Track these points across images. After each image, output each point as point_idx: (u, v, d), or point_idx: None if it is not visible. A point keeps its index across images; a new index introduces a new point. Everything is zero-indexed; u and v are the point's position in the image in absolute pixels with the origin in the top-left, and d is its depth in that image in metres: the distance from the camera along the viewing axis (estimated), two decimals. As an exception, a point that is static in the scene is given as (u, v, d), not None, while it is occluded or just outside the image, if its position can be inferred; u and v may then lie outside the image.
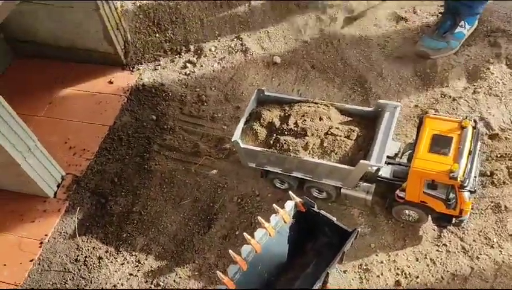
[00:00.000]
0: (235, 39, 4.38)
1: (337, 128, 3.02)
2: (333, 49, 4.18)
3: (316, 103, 3.18)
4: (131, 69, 4.37)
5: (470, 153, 2.67)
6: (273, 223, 2.57)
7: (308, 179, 3.09)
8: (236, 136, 3.10)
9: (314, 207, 2.62)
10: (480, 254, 2.98)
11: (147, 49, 4.44)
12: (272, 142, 3.06)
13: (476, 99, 3.66)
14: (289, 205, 2.66)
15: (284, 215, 2.59)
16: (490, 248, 3.00)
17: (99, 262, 3.30)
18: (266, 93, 3.29)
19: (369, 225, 3.18)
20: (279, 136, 3.06)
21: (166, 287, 3.13)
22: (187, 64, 4.30)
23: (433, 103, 3.70)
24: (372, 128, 3.01)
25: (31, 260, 3.34)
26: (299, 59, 4.17)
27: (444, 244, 3.05)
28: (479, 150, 2.93)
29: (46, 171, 3.58)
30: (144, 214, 3.50)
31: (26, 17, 4.21)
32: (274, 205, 2.66)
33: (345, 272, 3.00)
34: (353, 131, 2.99)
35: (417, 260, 3.02)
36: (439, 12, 4.20)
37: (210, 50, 4.34)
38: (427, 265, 3.00)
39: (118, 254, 3.33)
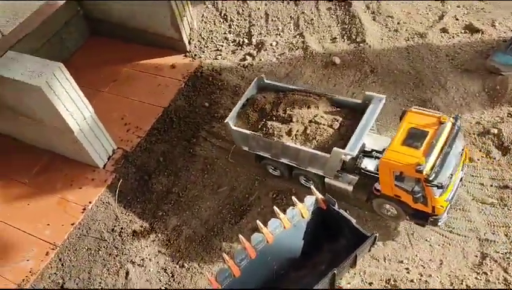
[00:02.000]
0: (297, 36, 4.34)
1: (322, 117, 3.06)
2: (397, 55, 3.99)
3: (308, 92, 3.23)
4: (193, 56, 4.48)
5: (443, 148, 2.60)
6: (289, 215, 2.50)
7: (295, 166, 3.14)
8: (229, 118, 3.24)
9: (335, 205, 2.51)
10: (525, 291, 2.71)
11: (210, 39, 4.53)
12: (260, 126, 3.15)
13: (547, 123, 3.33)
14: (309, 200, 2.57)
15: (302, 209, 2.51)
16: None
17: (133, 235, 3.41)
18: (266, 81, 3.40)
19: (405, 240, 3.00)
20: (267, 121, 3.14)
21: (191, 269, 3.16)
22: (247, 56, 4.32)
23: (497, 121, 3.42)
24: (359, 119, 3.02)
25: (72, 224, 3.51)
26: (359, 62, 4.04)
27: (484, 273, 2.80)
28: (462, 149, 2.85)
29: (99, 142, 3.76)
30: (181, 196, 3.56)
31: (104, -3, 4.47)
32: (293, 197, 2.59)
33: (370, 284, 2.85)
34: (337, 121, 3.04)
35: (451, 285, 2.80)
36: None
37: (271, 45, 4.33)
38: (462, 293, 2.78)
39: (151, 230, 3.42)
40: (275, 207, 2.53)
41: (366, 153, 2.94)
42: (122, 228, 3.46)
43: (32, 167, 3.95)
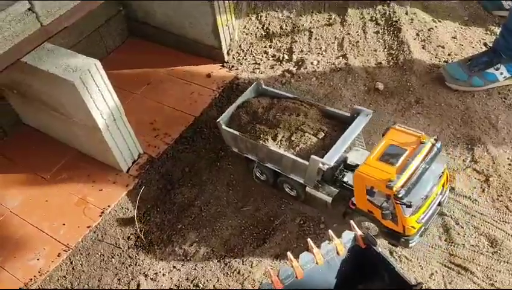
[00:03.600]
0: (341, 57, 4.17)
1: (309, 125, 3.08)
2: (446, 88, 3.77)
3: (301, 101, 3.26)
4: (230, 67, 4.36)
5: (418, 168, 2.57)
6: (323, 250, 2.29)
7: (280, 172, 3.14)
8: (222, 117, 3.26)
9: (375, 246, 2.29)
10: None
11: (250, 51, 4.40)
12: (249, 128, 3.18)
13: None
14: (347, 236, 2.35)
15: (338, 245, 2.29)
16: None
17: (148, 246, 3.26)
18: (264, 86, 3.42)
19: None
20: (256, 124, 3.18)
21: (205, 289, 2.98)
22: (285, 73, 4.17)
23: (551, 170, 3.16)
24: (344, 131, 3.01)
25: (88, 226, 3.39)
26: (404, 91, 3.83)
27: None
28: (442, 172, 2.80)
29: (125, 145, 3.64)
30: (203, 211, 3.40)
31: (148, -1, 4.41)
32: (330, 230, 2.38)
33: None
34: (322, 131, 3.04)
35: None
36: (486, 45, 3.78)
37: (312, 63, 4.17)
38: None
39: (168, 243, 3.26)
40: (309, 240, 2.32)
41: (348, 167, 2.92)
42: (138, 237, 3.31)
43: (56, 163, 3.86)
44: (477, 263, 2.84)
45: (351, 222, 2.41)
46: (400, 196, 2.52)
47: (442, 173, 2.84)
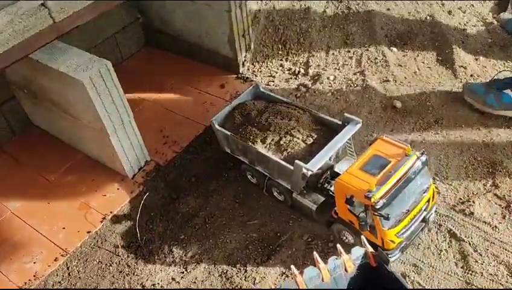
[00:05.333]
0: (358, 74, 4.06)
1: (299, 130, 3.07)
2: (467, 109, 3.63)
3: (295, 106, 3.25)
4: (245, 78, 4.27)
5: (399, 180, 2.49)
6: (330, 265, 2.13)
7: (269, 175, 3.11)
8: (216, 117, 3.27)
9: (388, 264, 2.12)
10: None
11: (265, 64, 4.32)
12: (240, 129, 3.19)
13: None
14: (357, 252, 2.19)
15: (347, 261, 2.13)
16: None
17: (148, 256, 3.13)
18: (261, 89, 3.43)
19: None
20: (248, 126, 3.18)
21: (203, 306, 2.82)
22: (301, 87, 4.07)
23: None
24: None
25: (88, 232, 3.28)
26: (423, 110, 3.69)
27: None
28: (426, 188, 2.69)
29: (132, 150, 3.55)
30: (207, 222, 3.27)
31: (167, 7, 4.38)
32: (338, 245, 2.22)
33: None
34: (311, 137, 3.03)
35: None
36: None
37: (328, 78, 4.06)
38: None
39: (169, 253, 3.12)
40: (315, 253, 2.18)
41: (336, 176, 2.82)
42: (139, 246, 3.18)
43: (61, 166, 3.78)
44: (495, 293, 2.65)
45: (362, 238, 2.26)
46: (377, 207, 2.45)
47: (428, 188, 2.73)
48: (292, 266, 2.14)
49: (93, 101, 3.10)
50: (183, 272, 3.02)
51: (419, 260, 2.83)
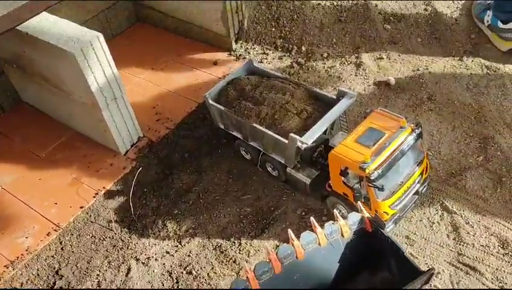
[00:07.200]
0: (352, 51, 4.04)
1: (293, 105, 3.06)
2: (460, 85, 3.65)
3: (289, 81, 3.25)
4: (237, 56, 4.24)
5: (394, 152, 2.50)
6: (327, 230, 2.13)
7: (263, 150, 3.12)
8: (209, 92, 3.24)
9: (384, 229, 2.13)
10: None
11: (258, 41, 4.29)
12: (234, 104, 3.17)
13: None
14: (354, 217, 2.20)
15: (343, 226, 2.14)
16: None
17: (142, 230, 3.12)
18: (255, 64, 3.42)
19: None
20: (242, 101, 3.17)
21: (198, 278, 2.83)
22: (294, 64, 4.05)
23: None
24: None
25: (81, 207, 3.26)
26: (416, 87, 3.70)
27: None
28: (420, 160, 2.71)
29: (125, 126, 3.52)
30: (201, 197, 3.26)
31: (157, -16, 4.31)
32: (335, 210, 2.23)
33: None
34: (306, 111, 3.02)
35: None
36: None
37: (321, 55, 4.05)
38: None
39: (163, 228, 3.12)
40: (312, 218, 2.18)
41: (330, 149, 2.80)
42: (132, 220, 3.17)
43: (52, 142, 3.74)
44: (486, 263, 2.68)
45: (359, 203, 2.27)
46: (372, 178, 2.46)
47: (422, 160, 2.75)
48: (289, 230, 2.14)
49: (84, 74, 3.06)
50: (177, 246, 3.02)
51: (412, 232, 2.86)
